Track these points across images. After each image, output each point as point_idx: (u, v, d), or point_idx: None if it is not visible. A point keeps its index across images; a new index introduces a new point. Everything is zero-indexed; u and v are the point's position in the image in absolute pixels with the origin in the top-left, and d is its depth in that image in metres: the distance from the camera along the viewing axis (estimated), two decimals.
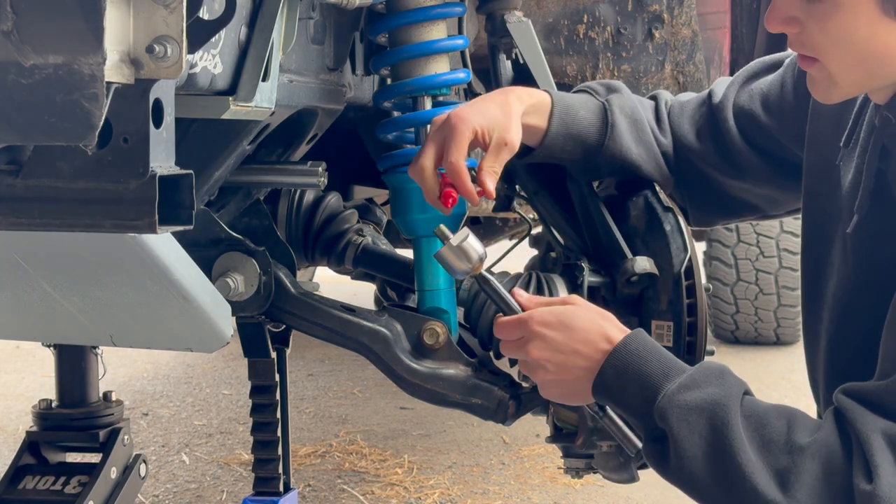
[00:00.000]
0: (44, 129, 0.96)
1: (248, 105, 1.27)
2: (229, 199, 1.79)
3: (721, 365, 1.38)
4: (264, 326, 1.84)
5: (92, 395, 2.03)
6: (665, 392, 1.32)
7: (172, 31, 0.98)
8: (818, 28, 1.30)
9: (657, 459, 1.35)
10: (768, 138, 1.69)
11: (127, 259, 1.32)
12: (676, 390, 1.32)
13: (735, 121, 1.72)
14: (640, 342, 1.38)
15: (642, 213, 1.78)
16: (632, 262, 1.74)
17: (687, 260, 1.74)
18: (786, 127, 1.66)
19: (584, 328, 1.40)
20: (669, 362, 1.36)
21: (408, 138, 1.84)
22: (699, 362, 1.41)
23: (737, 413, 1.29)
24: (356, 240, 1.96)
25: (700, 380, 1.33)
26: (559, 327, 1.41)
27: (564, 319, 1.41)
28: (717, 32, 2.95)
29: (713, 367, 1.36)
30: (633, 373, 1.36)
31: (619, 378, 1.37)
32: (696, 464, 1.29)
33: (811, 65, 1.34)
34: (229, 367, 5.08)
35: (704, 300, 1.75)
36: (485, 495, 3.40)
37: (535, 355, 1.42)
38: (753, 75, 1.75)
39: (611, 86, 1.76)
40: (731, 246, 5.12)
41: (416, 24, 1.73)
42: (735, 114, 1.72)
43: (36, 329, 1.68)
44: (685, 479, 1.31)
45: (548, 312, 1.43)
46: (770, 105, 1.68)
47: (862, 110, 1.45)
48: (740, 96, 1.73)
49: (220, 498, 3.39)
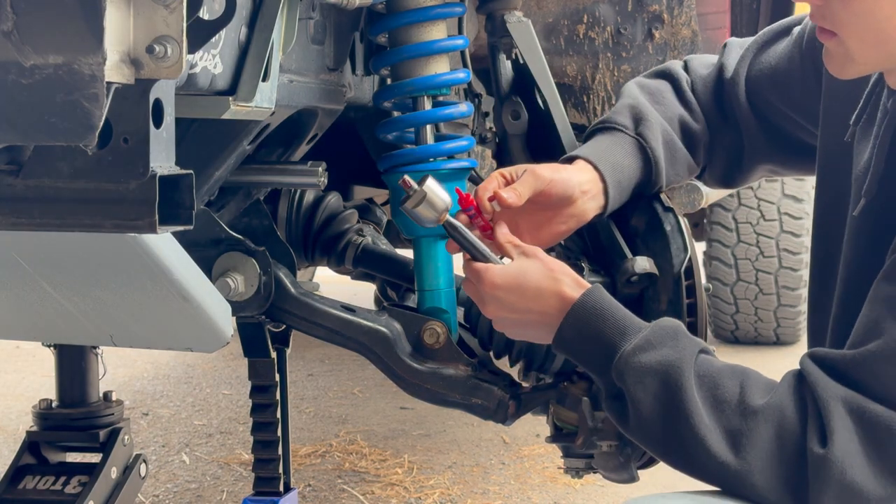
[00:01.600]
0: (44, 129, 0.96)
1: (248, 105, 1.27)
2: (229, 199, 1.79)
3: (676, 323, 1.39)
4: (264, 326, 1.84)
5: (92, 395, 2.03)
6: (621, 353, 1.34)
7: (172, 31, 0.98)
8: (841, 3, 1.28)
9: (617, 416, 1.38)
10: (780, 116, 1.68)
11: (127, 259, 1.32)
12: (632, 351, 1.33)
13: (747, 97, 1.71)
14: (595, 299, 1.39)
15: (642, 213, 1.78)
16: (632, 262, 1.74)
17: (687, 260, 1.74)
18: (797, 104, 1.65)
19: (537, 286, 1.41)
20: (625, 320, 1.38)
21: (408, 138, 1.84)
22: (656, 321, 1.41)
23: (690, 374, 1.30)
24: (356, 240, 1.96)
25: (654, 340, 1.34)
26: (511, 288, 1.42)
27: (518, 279, 1.42)
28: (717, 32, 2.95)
29: (668, 326, 1.37)
30: (590, 332, 1.38)
31: (577, 336, 1.39)
32: (652, 425, 1.31)
33: (829, 38, 1.32)
34: (229, 367, 5.08)
35: (704, 300, 1.75)
36: (485, 495, 3.40)
37: (491, 313, 1.46)
38: (764, 44, 1.72)
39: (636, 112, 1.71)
40: (731, 246, 5.12)
41: (416, 24, 1.73)
42: (747, 91, 1.71)
43: (36, 329, 1.68)
44: (643, 438, 1.34)
45: (500, 272, 1.43)
46: (779, 80, 1.67)
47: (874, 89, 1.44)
48: (752, 71, 1.71)
49: (220, 498, 3.39)
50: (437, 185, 1.48)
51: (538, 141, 1.98)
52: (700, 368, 1.31)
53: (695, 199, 3.28)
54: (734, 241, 5.12)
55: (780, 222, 5.00)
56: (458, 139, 1.82)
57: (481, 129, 2.01)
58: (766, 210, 5.00)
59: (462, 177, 1.81)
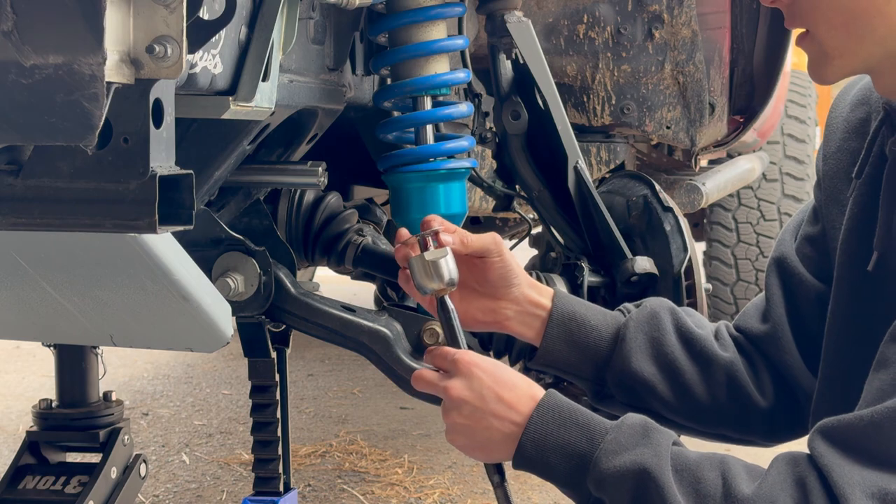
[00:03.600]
0: (44, 129, 0.96)
1: (248, 105, 1.27)
2: (229, 199, 1.79)
3: (642, 419, 1.31)
4: (264, 326, 1.84)
5: (92, 395, 2.03)
6: (593, 461, 1.26)
7: (172, 31, 0.98)
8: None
9: None
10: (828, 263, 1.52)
11: (127, 259, 1.32)
12: (605, 457, 1.25)
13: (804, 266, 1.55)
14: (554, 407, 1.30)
15: (642, 213, 1.78)
16: (632, 262, 1.74)
17: (687, 260, 1.75)
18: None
19: (514, 382, 1.33)
20: (589, 424, 1.29)
21: (408, 138, 1.85)
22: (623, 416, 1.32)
23: (668, 471, 1.22)
24: (356, 240, 1.96)
25: (625, 441, 1.26)
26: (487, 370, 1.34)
27: (496, 369, 1.34)
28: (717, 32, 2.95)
29: (635, 423, 1.29)
30: (553, 444, 1.29)
31: (541, 451, 1.30)
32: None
33: (804, 40, 1.31)
34: (229, 367, 5.08)
35: (704, 300, 1.75)
36: (485, 495, 3.40)
37: (455, 394, 1.34)
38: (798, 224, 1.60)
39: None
40: (731, 246, 5.12)
41: (416, 24, 1.73)
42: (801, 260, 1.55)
43: (36, 329, 1.68)
44: None
45: (482, 357, 1.36)
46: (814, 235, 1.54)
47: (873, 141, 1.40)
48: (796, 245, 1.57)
49: (220, 498, 3.39)
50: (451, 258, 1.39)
51: (538, 141, 1.98)
52: (676, 462, 1.23)
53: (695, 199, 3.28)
54: (734, 241, 5.12)
55: (780, 222, 5.00)
56: (458, 139, 1.82)
57: (481, 129, 2.02)
58: (766, 210, 5.00)
59: (462, 177, 1.82)
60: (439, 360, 1.38)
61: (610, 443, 1.26)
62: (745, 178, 4.26)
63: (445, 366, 1.37)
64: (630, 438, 1.26)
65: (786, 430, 1.55)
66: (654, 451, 1.24)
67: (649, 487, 1.22)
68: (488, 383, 1.32)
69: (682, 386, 1.49)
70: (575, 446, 1.28)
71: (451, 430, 1.36)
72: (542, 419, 1.30)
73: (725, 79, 3.03)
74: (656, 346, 1.51)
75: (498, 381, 1.32)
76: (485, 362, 1.35)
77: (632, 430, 1.27)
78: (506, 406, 1.32)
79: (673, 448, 1.26)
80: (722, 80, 2.98)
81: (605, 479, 1.25)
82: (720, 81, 2.96)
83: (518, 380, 1.34)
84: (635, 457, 1.24)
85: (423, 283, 1.39)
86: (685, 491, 1.21)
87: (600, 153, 2.71)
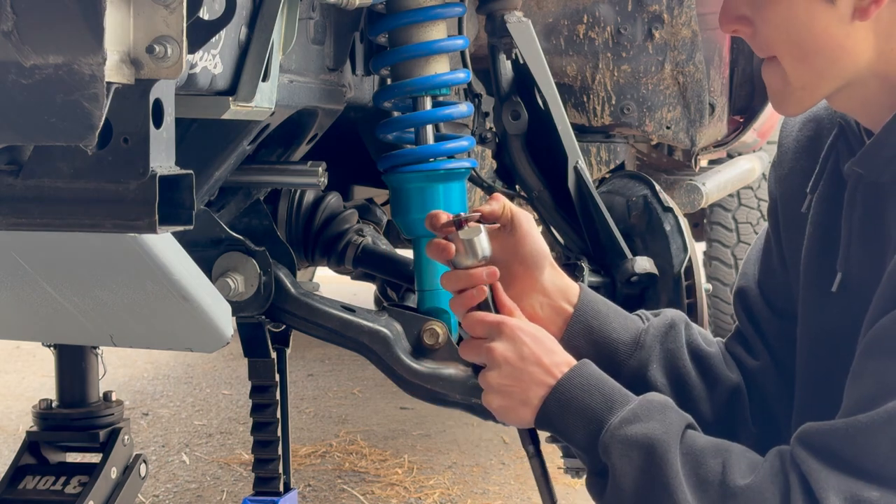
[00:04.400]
0: (44, 129, 0.96)
1: (248, 105, 1.27)
2: (229, 199, 1.79)
3: (664, 398, 1.35)
4: (264, 326, 1.84)
5: (92, 395, 2.03)
6: (608, 426, 1.31)
7: (172, 31, 0.98)
8: (762, 20, 1.29)
9: (597, 492, 1.34)
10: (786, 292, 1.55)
11: (127, 259, 1.32)
12: (619, 424, 1.30)
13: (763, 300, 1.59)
14: (584, 375, 1.36)
15: (642, 213, 1.78)
16: (632, 262, 1.74)
17: (687, 260, 1.75)
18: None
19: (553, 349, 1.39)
20: (613, 394, 1.34)
21: (408, 138, 1.84)
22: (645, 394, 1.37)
23: (675, 450, 1.27)
24: (356, 240, 1.96)
25: (642, 413, 1.31)
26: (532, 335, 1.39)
27: (538, 333, 1.39)
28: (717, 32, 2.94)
29: (656, 400, 1.34)
30: (576, 407, 1.34)
31: (563, 411, 1.35)
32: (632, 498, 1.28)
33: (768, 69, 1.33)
34: (229, 367, 5.08)
35: (704, 300, 1.75)
36: (485, 495, 3.40)
37: (499, 354, 1.38)
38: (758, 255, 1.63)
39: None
40: (730, 246, 5.12)
41: (416, 24, 1.73)
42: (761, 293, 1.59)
43: (36, 329, 1.68)
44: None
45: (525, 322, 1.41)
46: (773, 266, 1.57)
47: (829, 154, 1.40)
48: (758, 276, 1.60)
49: (220, 498, 3.39)
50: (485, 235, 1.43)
51: (538, 141, 1.99)
52: (685, 445, 1.28)
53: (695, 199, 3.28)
54: (734, 241, 5.12)
55: None
56: (458, 139, 1.82)
57: (481, 129, 2.02)
58: (765, 210, 5.00)
59: (462, 177, 1.82)
60: (480, 325, 1.42)
61: (627, 412, 1.31)
62: (745, 178, 4.26)
63: (487, 330, 1.41)
64: (647, 412, 1.31)
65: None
66: (665, 429, 1.29)
67: (654, 461, 1.26)
68: (530, 346, 1.37)
69: (689, 401, 1.51)
70: (594, 411, 1.33)
71: (489, 390, 1.40)
72: (570, 383, 1.35)
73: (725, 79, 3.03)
74: (671, 358, 1.54)
75: (539, 346, 1.38)
76: (528, 326, 1.40)
77: (651, 406, 1.32)
78: (543, 370, 1.37)
79: (686, 430, 1.30)
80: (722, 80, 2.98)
81: (614, 445, 1.29)
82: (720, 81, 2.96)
83: (557, 347, 1.39)
84: (647, 430, 1.29)
85: (460, 261, 1.43)
86: (687, 472, 1.26)
87: (600, 153, 2.71)
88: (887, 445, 1.18)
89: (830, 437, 1.22)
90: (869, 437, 1.18)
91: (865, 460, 1.19)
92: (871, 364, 1.22)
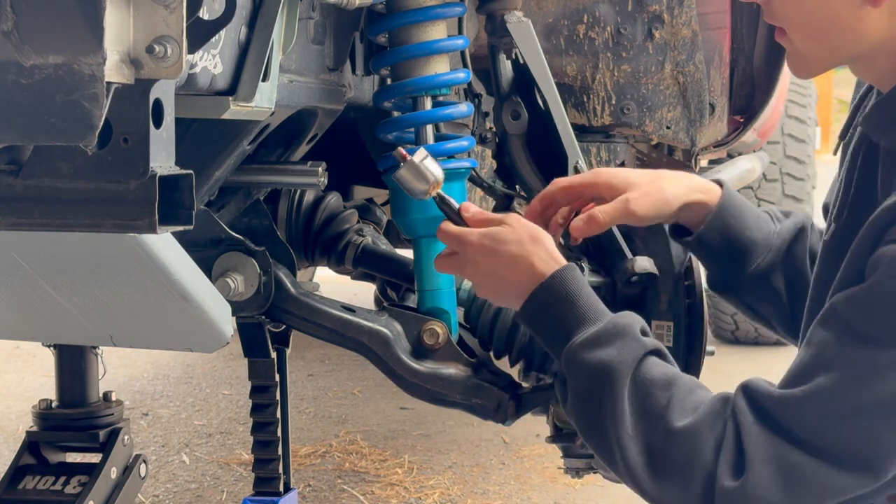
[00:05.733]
0: (44, 129, 0.96)
1: (248, 105, 1.27)
2: (229, 199, 1.79)
3: (630, 321, 1.37)
4: (264, 326, 1.84)
5: (92, 395, 2.03)
6: (570, 344, 1.36)
7: (172, 31, 0.98)
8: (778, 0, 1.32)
9: (561, 398, 1.41)
10: None
11: (127, 259, 1.32)
12: (579, 346, 1.35)
13: None
14: (560, 281, 1.39)
15: None
16: (632, 262, 1.74)
17: (687, 260, 1.75)
18: None
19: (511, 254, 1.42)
20: (585, 310, 1.37)
21: (408, 138, 1.84)
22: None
23: (626, 379, 1.31)
24: (356, 240, 1.96)
25: (603, 338, 1.34)
26: (489, 253, 1.43)
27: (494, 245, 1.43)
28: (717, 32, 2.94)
29: (621, 324, 1.36)
30: (550, 315, 1.39)
31: (538, 317, 1.41)
32: (584, 420, 1.35)
33: (782, 36, 1.35)
34: (229, 367, 5.08)
35: (705, 300, 1.75)
36: (485, 495, 3.40)
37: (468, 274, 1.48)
38: None
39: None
40: None
41: (416, 24, 1.73)
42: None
43: (36, 329, 1.68)
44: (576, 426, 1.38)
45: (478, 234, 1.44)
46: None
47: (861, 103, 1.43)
48: None
49: (220, 498, 3.39)
50: (430, 160, 1.49)
51: (538, 141, 1.98)
52: (639, 374, 1.31)
53: None
54: None
55: None
56: (458, 139, 1.82)
57: (481, 129, 2.01)
58: None
59: (462, 177, 1.82)
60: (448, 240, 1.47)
61: (590, 335, 1.35)
62: (745, 178, 4.26)
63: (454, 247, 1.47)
64: (609, 337, 1.34)
65: None
66: (621, 357, 1.32)
67: (604, 387, 1.31)
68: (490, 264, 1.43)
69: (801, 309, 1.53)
70: (565, 326, 1.38)
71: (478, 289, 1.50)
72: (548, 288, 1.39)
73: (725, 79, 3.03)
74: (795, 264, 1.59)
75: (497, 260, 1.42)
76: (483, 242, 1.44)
77: (614, 330, 1.35)
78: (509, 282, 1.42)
79: (645, 358, 1.33)
80: (722, 80, 2.98)
81: (573, 365, 1.35)
82: (720, 81, 2.95)
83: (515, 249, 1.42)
84: (603, 356, 1.33)
85: (416, 190, 1.49)
86: (632, 400, 1.30)
87: (600, 153, 2.71)
88: (814, 419, 1.22)
89: (768, 400, 1.26)
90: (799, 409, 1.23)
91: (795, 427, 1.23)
92: (819, 334, 1.25)
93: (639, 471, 1.28)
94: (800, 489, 1.22)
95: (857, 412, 1.20)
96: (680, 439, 1.27)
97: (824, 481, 1.22)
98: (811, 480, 1.22)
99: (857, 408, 1.20)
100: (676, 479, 1.26)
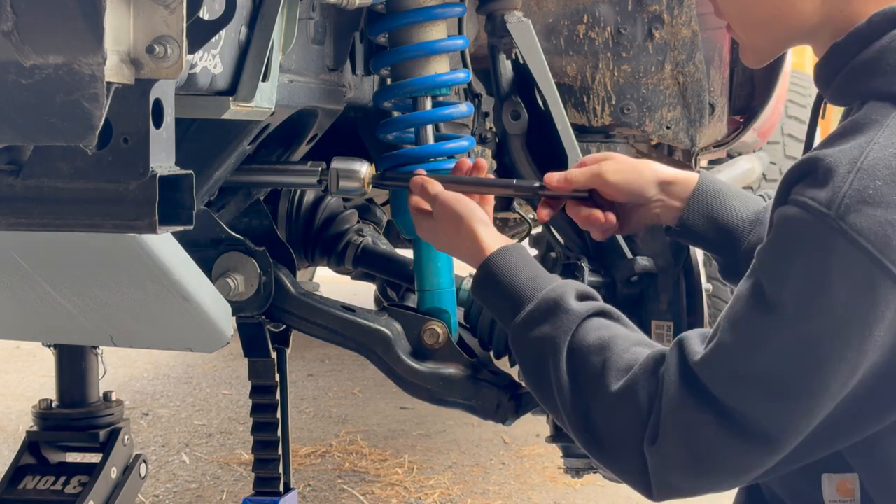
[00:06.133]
0: (44, 129, 0.96)
1: (248, 105, 1.27)
2: (229, 199, 1.79)
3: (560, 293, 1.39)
4: (264, 326, 1.84)
5: (92, 395, 2.03)
6: (511, 325, 1.40)
7: (172, 31, 0.98)
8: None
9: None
10: None
11: (127, 259, 1.32)
12: (519, 326, 1.38)
13: None
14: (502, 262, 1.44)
15: None
16: (632, 262, 1.74)
17: (687, 260, 1.75)
18: None
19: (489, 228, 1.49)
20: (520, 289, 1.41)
21: (408, 138, 1.84)
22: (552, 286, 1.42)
23: (562, 353, 1.32)
24: (356, 240, 1.96)
25: (538, 316, 1.37)
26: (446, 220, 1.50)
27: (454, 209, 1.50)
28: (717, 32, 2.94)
29: (551, 298, 1.38)
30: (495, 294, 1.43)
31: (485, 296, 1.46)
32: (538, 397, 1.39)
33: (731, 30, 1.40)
34: (229, 367, 5.08)
35: (704, 300, 1.75)
36: (485, 495, 3.40)
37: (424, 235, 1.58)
38: None
39: None
40: None
41: (416, 24, 1.73)
42: None
43: (36, 329, 1.68)
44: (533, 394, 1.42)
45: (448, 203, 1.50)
46: None
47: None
48: None
49: (220, 498, 3.39)
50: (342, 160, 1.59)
51: (538, 141, 1.98)
52: (575, 342, 1.33)
53: None
54: None
55: None
56: (458, 139, 1.82)
57: (481, 129, 2.02)
58: None
59: None
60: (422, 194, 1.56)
61: (526, 314, 1.38)
62: (745, 178, 4.26)
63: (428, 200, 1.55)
64: (543, 314, 1.37)
65: None
66: (555, 333, 1.35)
67: (546, 364, 1.34)
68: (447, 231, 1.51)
69: None
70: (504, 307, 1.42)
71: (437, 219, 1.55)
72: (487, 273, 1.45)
73: (725, 79, 3.03)
74: None
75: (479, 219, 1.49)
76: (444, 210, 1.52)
77: (546, 305, 1.38)
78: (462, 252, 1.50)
79: (581, 326, 1.34)
80: (722, 80, 2.98)
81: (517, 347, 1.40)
82: (720, 81, 2.95)
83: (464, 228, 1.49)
84: (538, 334, 1.36)
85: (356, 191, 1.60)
86: (570, 372, 1.32)
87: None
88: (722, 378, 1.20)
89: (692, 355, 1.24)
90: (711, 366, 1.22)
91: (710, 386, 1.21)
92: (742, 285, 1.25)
93: (589, 444, 1.30)
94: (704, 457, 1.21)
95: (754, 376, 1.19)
96: (614, 404, 1.27)
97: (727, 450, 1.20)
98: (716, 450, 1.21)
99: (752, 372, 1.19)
100: (616, 445, 1.27)
